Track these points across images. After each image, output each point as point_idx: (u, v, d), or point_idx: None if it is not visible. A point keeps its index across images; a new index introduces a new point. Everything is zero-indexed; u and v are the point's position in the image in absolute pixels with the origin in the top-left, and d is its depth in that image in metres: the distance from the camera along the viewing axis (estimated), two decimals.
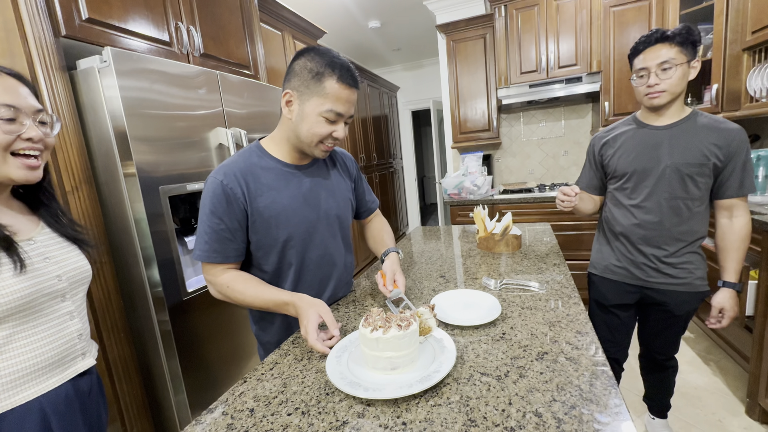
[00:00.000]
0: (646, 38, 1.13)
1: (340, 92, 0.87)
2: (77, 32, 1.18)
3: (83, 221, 1.19)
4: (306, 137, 0.91)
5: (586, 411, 0.56)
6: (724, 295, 1.20)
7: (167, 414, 1.40)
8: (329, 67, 0.86)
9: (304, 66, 0.88)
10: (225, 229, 0.90)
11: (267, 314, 1.03)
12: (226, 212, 0.89)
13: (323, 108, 0.88)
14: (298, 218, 0.96)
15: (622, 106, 2.64)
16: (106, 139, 1.22)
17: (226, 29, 1.80)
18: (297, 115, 0.91)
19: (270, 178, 0.94)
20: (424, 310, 0.79)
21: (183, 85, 1.39)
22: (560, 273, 1.17)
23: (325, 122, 0.89)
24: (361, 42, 4.43)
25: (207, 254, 0.91)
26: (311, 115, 0.89)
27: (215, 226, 0.89)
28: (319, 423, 0.60)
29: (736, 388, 1.81)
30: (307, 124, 0.90)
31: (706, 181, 1.15)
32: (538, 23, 2.75)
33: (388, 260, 1.08)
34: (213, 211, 0.89)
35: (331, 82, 0.86)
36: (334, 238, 1.05)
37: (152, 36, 1.43)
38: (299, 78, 0.88)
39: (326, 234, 1.03)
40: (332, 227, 1.05)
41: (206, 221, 0.90)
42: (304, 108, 0.89)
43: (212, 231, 0.90)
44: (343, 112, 0.90)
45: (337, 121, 0.90)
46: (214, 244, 0.90)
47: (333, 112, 0.88)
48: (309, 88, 0.88)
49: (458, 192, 3.03)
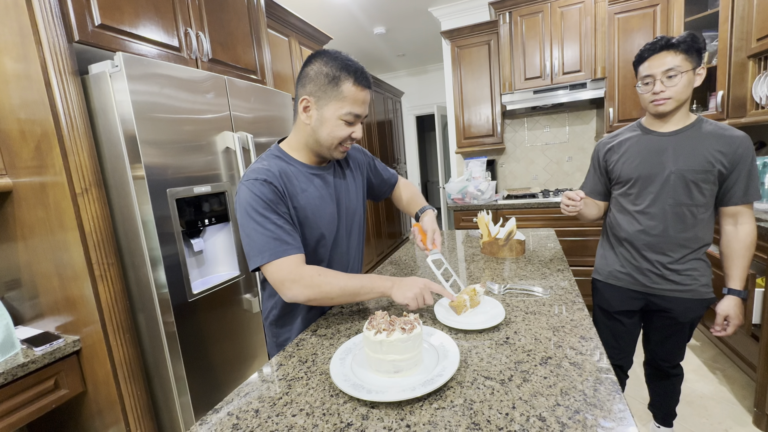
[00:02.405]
0: (651, 46, 1.14)
1: (357, 94, 0.90)
2: (90, 38, 1.21)
3: (92, 223, 1.20)
4: (326, 140, 0.94)
5: (590, 416, 0.56)
6: (729, 303, 1.19)
7: (171, 416, 1.41)
8: (345, 71, 0.88)
9: (320, 71, 0.89)
10: (286, 222, 0.89)
11: (288, 313, 1.05)
12: (279, 204, 0.89)
13: (342, 111, 0.90)
14: (328, 217, 1.00)
15: (627, 112, 2.64)
16: (116, 143, 1.24)
17: (234, 35, 1.83)
18: (316, 120, 0.93)
19: (301, 180, 0.97)
20: (480, 289, 0.96)
21: (191, 89, 1.41)
22: (564, 278, 1.17)
23: (344, 125, 0.92)
24: (367, 48, 4.47)
25: (281, 249, 0.86)
26: (331, 119, 0.91)
27: (276, 220, 0.87)
28: (323, 424, 0.60)
29: (743, 398, 1.79)
30: (327, 128, 0.92)
31: (710, 188, 1.15)
32: (542, 30, 2.76)
33: (426, 216, 1.14)
34: (266, 208, 0.87)
35: (348, 86, 0.88)
36: (350, 236, 1.10)
37: (162, 42, 1.45)
38: (315, 83, 0.90)
39: (344, 232, 1.08)
40: (350, 225, 1.10)
41: (262, 223, 0.86)
42: (323, 113, 0.91)
43: (276, 227, 0.87)
44: (361, 113, 0.93)
45: (354, 122, 0.94)
46: (284, 236, 0.87)
47: (352, 114, 0.91)
48: (326, 92, 0.89)
49: (462, 197, 3.04)
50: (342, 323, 0.98)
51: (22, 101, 1.17)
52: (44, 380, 1.18)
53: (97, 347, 1.25)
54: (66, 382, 1.24)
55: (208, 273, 1.55)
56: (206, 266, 1.55)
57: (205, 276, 1.53)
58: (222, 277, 1.54)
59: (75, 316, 1.26)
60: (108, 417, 1.31)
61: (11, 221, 1.29)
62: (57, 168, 1.16)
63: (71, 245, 1.20)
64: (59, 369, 1.22)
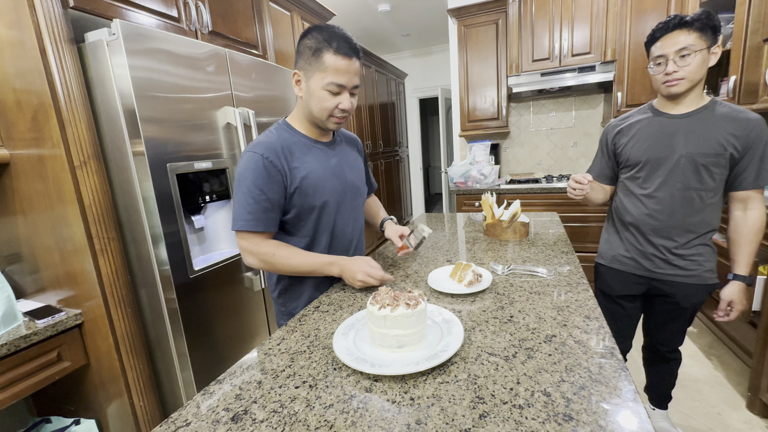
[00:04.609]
0: (664, 24, 1.09)
1: (338, 63, 0.90)
2: (86, 3, 1.17)
3: (91, 196, 1.19)
4: (317, 112, 0.97)
5: (595, 392, 0.56)
6: (733, 288, 1.18)
7: (174, 390, 1.43)
8: (326, 42, 0.90)
9: (306, 45, 0.93)
10: (266, 200, 0.95)
11: (296, 285, 1.08)
12: (267, 184, 0.94)
13: (325, 81, 0.92)
14: (331, 187, 1.04)
15: (636, 97, 2.59)
16: (115, 116, 1.20)
17: (234, 7, 1.76)
18: (305, 92, 0.97)
19: (304, 152, 1.01)
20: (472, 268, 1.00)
21: (192, 63, 1.37)
22: (568, 261, 1.16)
23: (330, 95, 0.94)
24: (371, 26, 4.35)
25: (250, 223, 0.95)
26: (316, 90, 0.94)
27: (257, 197, 0.94)
28: (326, 396, 0.60)
29: (737, 383, 1.81)
30: (315, 99, 0.95)
31: (721, 172, 1.13)
32: (552, 9, 2.68)
33: (389, 227, 1.26)
34: (255, 183, 0.93)
35: (329, 55, 0.90)
36: (355, 210, 1.14)
37: (160, 11, 1.40)
38: (303, 57, 0.94)
39: (350, 205, 1.11)
40: (355, 199, 1.13)
41: (247, 193, 0.93)
42: (309, 85, 0.95)
43: (254, 202, 0.94)
44: (345, 82, 0.93)
45: (340, 92, 0.95)
46: (258, 213, 0.95)
47: (334, 84, 0.92)
48: (311, 65, 0.92)
49: (464, 181, 3.01)
50: (344, 300, 0.98)
51: (16, 70, 1.14)
52: (47, 352, 1.19)
53: (99, 321, 1.25)
54: (68, 354, 1.25)
55: (210, 250, 1.55)
56: (207, 243, 1.54)
57: (206, 253, 1.53)
58: (223, 255, 1.54)
59: (76, 290, 1.26)
60: (111, 389, 1.33)
61: (10, 194, 1.27)
62: (55, 139, 1.14)
63: (71, 219, 1.18)
64: (62, 342, 1.23)
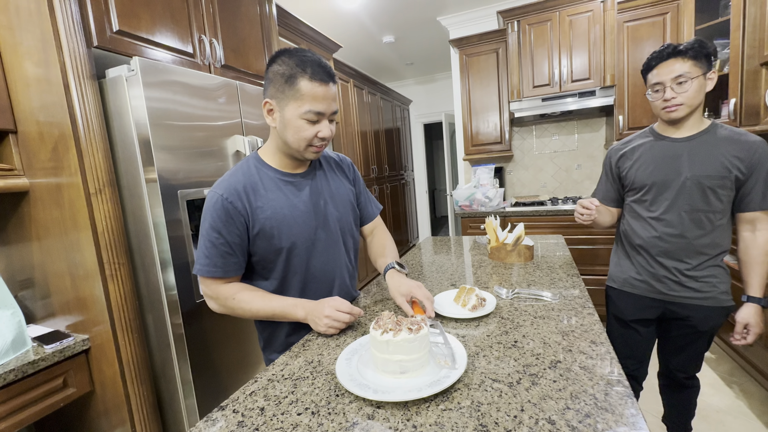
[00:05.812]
0: (659, 53, 1.13)
1: (315, 91, 0.85)
2: (108, 43, 1.25)
3: (104, 222, 1.23)
4: (294, 142, 0.90)
5: (600, 420, 0.55)
6: (748, 311, 1.16)
7: (176, 417, 1.41)
8: (299, 68, 0.84)
9: (277, 71, 0.86)
10: (224, 243, 0.90)
11: (275, 328, 1.03)
12: (226, 226, 0.89)
13: (301, 110, 0.85)
14: (300, 227, 0.95)
15: (637, 120, 2.62)
16: (130, 145, 1.26)
17: (246, 42, 1.87)
18: (279, 122, 0.89)
19: (270, 189, 0.94)
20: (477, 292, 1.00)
21: (204, 94, 1.44)
22: (574, 284, 1.15)
23: (308, 124, 0.87)
24: (376, 56, 4.52)
25: (207, 269, 0.91)
26: (293, 120, 0.87)
27: (215, 240, 0.89)
28: (328, 423, 0.60)
29: (761, 413, 1.72)
30: (291, 129, 0.88)
31: (728, 194, 1.13)
32: (551, 38, 2.77)
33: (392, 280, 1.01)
34: (213, 226, 0.89)
35: (304, 83, 0.84)
36: (335, 245, 1.03)
37: (177, 48, 1.49)
38: (274, 85, 0.87)
39: (328, 241, 1.01)
40: (333, 234, 1.03)
41: (206, 236, 0.90)
42: (284, 114, 0.88)
43: (212, 245, 0.89)
44: (323, 110, 0.87)
45: (319, 120, 0.88)
46: (215, 258, 0.90)
47: (312, 113, 0.86)
48: (284, 93, 0.86)
49: (470, 204, 3.03)
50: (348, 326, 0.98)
51: (41, 104, 1.21)
52: (53, 378, 1.19)
53: (106, 347, 1.26)
54: (74, 381, 1.25)
55: None
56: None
57: None
58: None
59: (85, 315, 1.28)
60: (114, 417, 1.31)
61: (27, 221, 1.32)
62: (72, 168, 1.19)
63: (84, 245, 1.22)
64: (68, 368, 1.23)
